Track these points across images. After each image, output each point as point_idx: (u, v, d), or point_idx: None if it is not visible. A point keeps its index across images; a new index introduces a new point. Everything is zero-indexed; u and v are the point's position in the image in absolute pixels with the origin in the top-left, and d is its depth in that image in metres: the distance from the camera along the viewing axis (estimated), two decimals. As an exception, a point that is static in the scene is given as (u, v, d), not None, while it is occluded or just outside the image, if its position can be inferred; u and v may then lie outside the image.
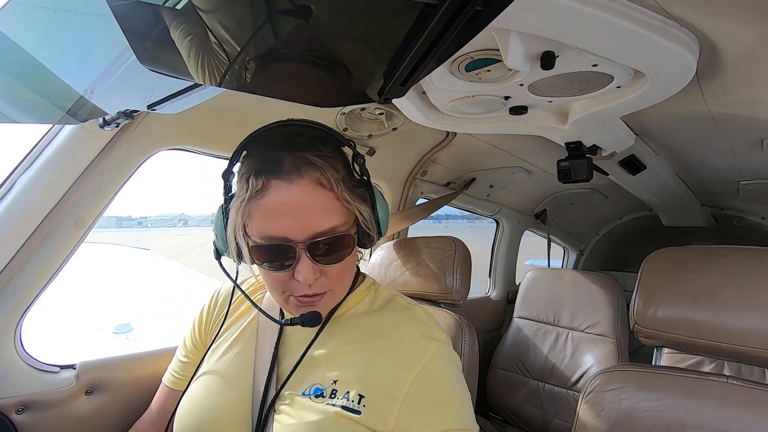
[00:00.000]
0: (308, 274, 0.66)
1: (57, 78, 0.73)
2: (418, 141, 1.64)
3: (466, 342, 1.27)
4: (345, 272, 0.74)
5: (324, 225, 0.66)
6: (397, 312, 0.79)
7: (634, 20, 0.68)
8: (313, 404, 0.68)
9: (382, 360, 0.71)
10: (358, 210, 0.70)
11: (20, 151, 0.98)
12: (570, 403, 1.92)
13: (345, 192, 0.68)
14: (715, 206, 2.57)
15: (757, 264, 0.83)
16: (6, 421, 0.92)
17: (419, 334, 0.74)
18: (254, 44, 0.51)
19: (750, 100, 1.02)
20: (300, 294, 0.70)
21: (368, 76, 0.51)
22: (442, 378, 0.71)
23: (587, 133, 1.27)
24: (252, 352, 0.79)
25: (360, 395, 0.68)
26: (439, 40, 0.40)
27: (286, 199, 0.64)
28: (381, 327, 0.76)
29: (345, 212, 0.69)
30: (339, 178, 0.68)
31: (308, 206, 0.65)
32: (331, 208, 0.67)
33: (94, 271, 17.38)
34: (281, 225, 0.65)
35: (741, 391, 0.79)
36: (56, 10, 0.63)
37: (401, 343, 0.73)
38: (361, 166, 0.73)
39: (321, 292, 0.71)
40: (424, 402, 0.69)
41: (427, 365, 0.71)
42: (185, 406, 0.77)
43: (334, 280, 0.72)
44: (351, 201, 0.69)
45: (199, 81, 0.60)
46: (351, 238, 0.70)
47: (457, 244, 1.42)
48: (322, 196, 0.66)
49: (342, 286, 0.76)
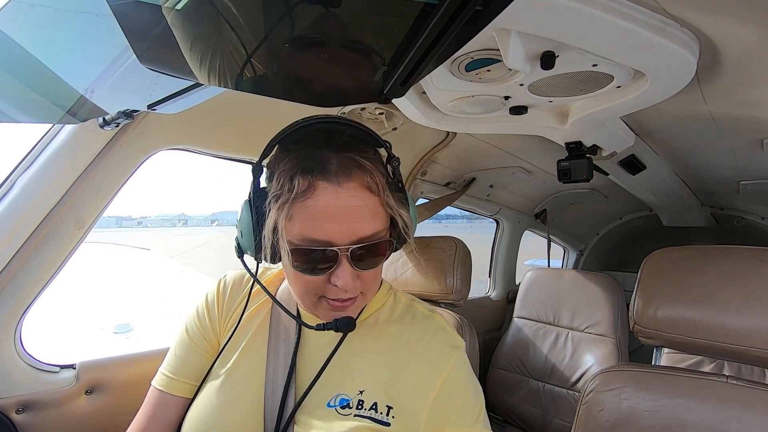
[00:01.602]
0: (348, 279, 0.63)
1: (57, 77, 0.73)
2: (418, 141, 1.64)
3: (467, 342, 1.27)
4: (377, 277, 0.72)
5: (369, 230, 0.64)
6: (419, 321, 0.77)
7: (634, 20, 0.68)
8: (340, 416, 0.66)
9: (408, 370, 0.70)
10: (400, 215, 0.67)
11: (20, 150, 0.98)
12: (570, 403, 1.92)
13: (390, 197, 0.66)
14: (715, 206, 2.57)
15: (757, 264, 0.83)
16: (6, 420, 0.92)
17: (443, 343, 0.74)
18: (254, 44, 0.51)
19: (750, 101, 1.02)
20: (334, 298, 0.67)
21: (368, 76, 0.51)
22: (464, 385, 0.72)
23: (587, 133, 1.27)
24: (264, 356, 0.74)
25: (388, 406, 0.67)
26: (439, 40, 0.40)
27: (334, 203, 0.61)
28: (406, 337, 0.75)
29: (386, 217, 0.67)
30: (384, 183, 0.66)
31: (356, 210, 0.62)
32: (376, 213, 0.65)
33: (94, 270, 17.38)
34: (327, 229, 0.61)
35: (741, 391, 0.79)
36: (56, 9, 0.63)
37: (427, 353, 0.72)
38: (396, 168, 0.70)
39: (354, 296, 0.69)
40: (450, 409, 0.69)
41: (451, 374, 0.71)
42: (195, 417, 0.71)
43: (367, 284, 0.69)
44: (394, 207, 0.66)
45: (199, 81, 0.60)
46: (389, 243, 0.69)
47: (458, 244, 1.42)
48: (370, 201, 0.64)
49: (373, 291, 0.74)
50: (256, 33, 0.50)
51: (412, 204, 0.73)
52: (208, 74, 0.58)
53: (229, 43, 0.52)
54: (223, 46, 0.53)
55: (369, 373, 0.70)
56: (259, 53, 0.52)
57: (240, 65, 0.56)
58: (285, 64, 0.53)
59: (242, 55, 0.54)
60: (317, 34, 0.47)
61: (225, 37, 0.52)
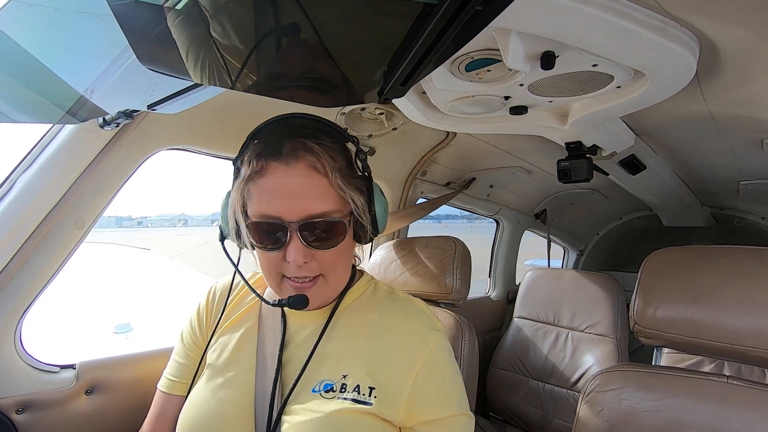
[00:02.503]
0: (297, 255, 0.68)
1: (57, 77, 0.73)
2: (418, 141, 1.64)
3: (466, 342, 1.27)
4: (338, 261, 0.75)
5: (317, 208, 0.69)
6: (399, 305, 0.81)
7: (634, 20, 0.68)
8: (324, 399, 0.69)
9: (389, 352, 0.73)
10: (352, 198, 0.72)
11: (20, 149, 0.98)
12: (570, 403, 1.92)
13: (339, 179, 0.70)
14: (715, 206, 2.57)
15: (757, 264, 0.83)
16: (6, 420, 0.92)
17: (423, 325, 0.77)
18: (254, 44, 0.51)
19: (750, 100, 1.02)
20: (292, 276, 0.72)
21: (368, 76, 0.51)
22: (444, 366, 0.75)
23: (587, 133, 1.27)
24: (254, 352, 0.79)
25: (371, 387, 0.70)
26: (439, 40, 0.40)
27: (283, 180, 0.68)
28: (386, 320, 0.78)
29: (339, 200, 0.71)
30: (335, 167, 0.70)
31: (303, 189, 0.68)
32: (324, 193, 0.70)
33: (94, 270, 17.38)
34: (278, 204, 0.68)
35: (741, 391, 0.79)
36: (56, 9, 0.63)
37: (407, 334, 0.75)
38: (363, 162, 0.76)
39: (312, 276, 0.72)
40: (430, 389, 0.72)
41: (432, 354, 0.73)
42: (188, 410, 0.76)
43: (326, 266, 0.73)
44: (345, 188, 0.70)
45: (199, 81, 0.60)
46: (343, 225, 0.72)
47: (457, 244, 1.42)
48: (318, 181, 0.69)
49: (336, 276, 0.76)
50: (255, 33, 0.50)
51: (381, 197, 0.78)
52: (207, 75, 0.58)
53: (228, 43, 0.52)
54: (223, 46, 0.53)
55: (352, 357, 0.73)
56: (259, 53, 0.52)
57: (239, 65, 0.56)
58: (285, 64, 0.53)
59: (242, 56, 0.54)
60: (317, 35, 0.47)
61: (225, 37, 0.52)
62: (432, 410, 0.71)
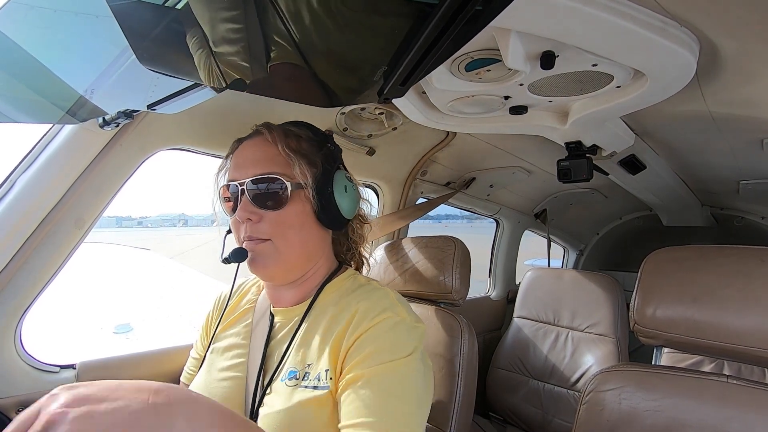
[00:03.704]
0: (243, 211, 0.77)
1: (57, 78, 0.73)
2: (418, 141, 1.64)
3: (466, 342, 1.27)
4: (288, 229, 0.78)
5: (263, 169, 0.78)
6: (366, 292, 0.80)
7: (634, 20, 0.68)
8: (288, 388, 0.73)
9: (342, 331, 0.73)
10: (300, 166, 0.78)
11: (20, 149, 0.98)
12: (570, 403, 1.91)
13: (287, 149, 0.78)
14: (715, 206, 2.57)
15: (758, 264, 0.83)
16: (6, 421, 0.92)
17: (379, 307, 0.74)
18: (254, 44, 0.51)
19: (750, 100, 1.02)
20: (245, 235, 0.78)
21: (368, 76, 0.51)
22: (383, 338, 0.71)
23: (587, 133, 1.27)
24: (247, 347, 0.84)
25: (326, 370, 0.71)
26: (439, 40, 0.40)
27: (242, 153, 0.82)
28: (349, 305, 0.77)
29: (287, 167, 0.78)
30: (286, 140, 0.80)
31: (254, 155, 0.80)
32: (272, 158, 0.79)
33: (94, 270, 17.37)
34: (237, 171, 0.80)
35: (741, 391, 0.79)
36: (56, 10, 0.63)
37: (362, 313, 0.74)
38: (332, 152, 0.84)
39: (260, 238, 0.78)
40: (357, 353, 0.70)
41: (373, 329, 0.71)
42: None
43: (273, 229, 0.78)
44: (293, 156, 0.78)
45: (199, 81, 0.61)
46: (286, 185, 0.77)
47: (457, 243, 1.42)
48: (268, 148, 0.80)
49: (287, 246, 0.79)
50: (255, 33, 0.50)
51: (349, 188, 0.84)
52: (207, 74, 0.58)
53: (229, 44, 0.52)
54: (223, 47, 0.53)
55: (317, 346, 0.75)
56: (258, 53, 0.52)
57: (240, 65, 0.56)
58: (285, 65, 0.53)
59: (242, 56, 0.54)
60: (317, 35, 0.47)
61: (224, 38, 0.52)
62: (355, 367, 0.68)
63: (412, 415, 0.66)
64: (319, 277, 0.85)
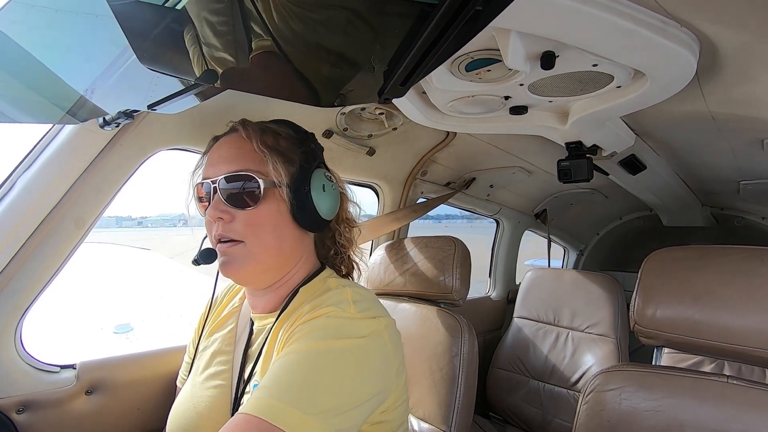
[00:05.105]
0: (214, 209, 0.74)
1: (57, 78, 0.73)
2: (418, 141, 1.64)
3: (466, 342, 1.27)
4: (260, 226, 0.75)
5: (236, 166, 0.75)
6: (324, 292, 0.76)
7: (634, 20, 0.68)
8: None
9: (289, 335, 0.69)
10: (274, 162, 0.75)
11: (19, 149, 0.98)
12: (570, 403, 1.91)
13: (262, 145, 0.75)
14: (715, 206, 2.56)
15: (758, 264, 0.83)
16: (6, 421, 0.92)
17: (325, 304, 0.71)
18: (254, 44, 0.51)
19: (750, 100, 1.02)
20: (215, 235, 0.76)
21: (368, 76, 0.51)
22: (316, 327, 0.67)
23: (587, 133, 1.27)
24: (231, 353, 0.83)
25: None
26: (439, 40, 0.40)
27: (218, 150, 0.79)
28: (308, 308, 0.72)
29: (261, 164, 0.75)
30: (261, 138, 0.76)
31: (229, 152, 0.77)
32: (246, 155, 0.76)
33: (94, 270, 17.37)
34: (210, 168, 0.78)
35: (741, 391, 0.79)
36: (56, 10, 0.63)
37: (306, 313, 0.70)
38: (312, 151, 0.82)
39: (232, 239, 0.75)
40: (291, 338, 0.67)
41: (314, 319, 0.68)
42: (174, 407, 0.82)
43: (246, 229, 0.74)
44: (267, 153, 0.75)
45: (199, 81, 0.61)
46: (259, 183, 0.74)
47: (457, 243, 1.42)
48: (242, 145, 0.77)
49: (260, 246, 0.75)
50: (255, 33, 0.50)
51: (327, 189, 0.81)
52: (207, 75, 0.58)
53: (229, 43, 0.52)
54: (223, 47, 0.53)
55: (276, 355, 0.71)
56: (258, 53, 0.52)
57: (240, 65, 0.56)
58: (285, 65, 0.53)
59: (242, 56, 0.54)
60: (317, 35, 0.47)
61: (225, 38, 0.52)
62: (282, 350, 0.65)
63: (319, 393, 0.59)
64: (295, 282, 0.81)
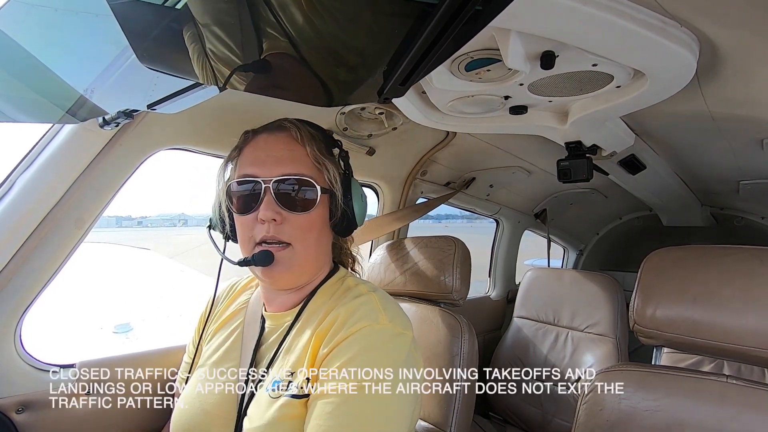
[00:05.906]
0: (268, 210, 0.72)
1: (57, 77, 0.73)
2: (418, 141, 1.63)
3: (466, 341, 1.27)
4: (309, 233, 0.76)
5: (292, 169, 0.74)
6: (350, 297, 0.77)
7: (634, 20, 0.68)
8: (271, 399, 0.71)
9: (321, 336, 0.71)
10: (327, 168, 0.77)
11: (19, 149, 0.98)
12: (570, 403, 1.91)
13: (316, 150, 0.76)
14: (715, 206, 2.56)
15: (757, 264, 0.83)
16: (6, 420, 0.92)
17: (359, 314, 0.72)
18: (254, 44, 0.51)
19: (750, 100, 1.02)
20: (263, 237, 0.74)
21: (368, 76, 0.51)
22: (361, 345, 0.68)
23: (587, 133, 1.27)
24: (239, 351, 0.82)
25: (308, 378, 0.70)
26: (438, 40, 0.40)
27: (264, 146, 0.77)
28: (333, 310, 0.75)
29: (315, 170, 0.77)
30: (313, 141, 0.77)
31: (282, 154, 0.76)
32: (301, 159, 0.76)
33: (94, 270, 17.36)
34: (255, 165, 0.75)
35: (741, 391, 0.79)
36: (56, 9, 0.63)
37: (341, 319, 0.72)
38: (346, 157, 0.83)
39: (281, 240, 0.74)
40: (336, 359, 0.68)
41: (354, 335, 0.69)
42: (178, 406, 0.81)
43: (296, 233, 0.75)
44: (320, 159, 0.76)
45: (199, 81, 0.61)
46: (316, 191, 0.75)
47: (457, 243, 1.42)
48: (296, 148, 0.76)
49: (304, 249, 0.76)
50: (255, 33, 0.50)
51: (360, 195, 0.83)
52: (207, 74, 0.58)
53: (229, 43, 0.52)
54: (223, 47, 0.53)
55: (300, 352, 0.73)
56: (259, 53, 0.52)
57: (239, 65, 0.56)
58: (285, 65, 0.53)
59: (242, 56, 0.54)
60: (317, 35, 0.47)
61: (225, 38, 0.52)
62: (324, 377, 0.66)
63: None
64: (317, 282, 0.83)
